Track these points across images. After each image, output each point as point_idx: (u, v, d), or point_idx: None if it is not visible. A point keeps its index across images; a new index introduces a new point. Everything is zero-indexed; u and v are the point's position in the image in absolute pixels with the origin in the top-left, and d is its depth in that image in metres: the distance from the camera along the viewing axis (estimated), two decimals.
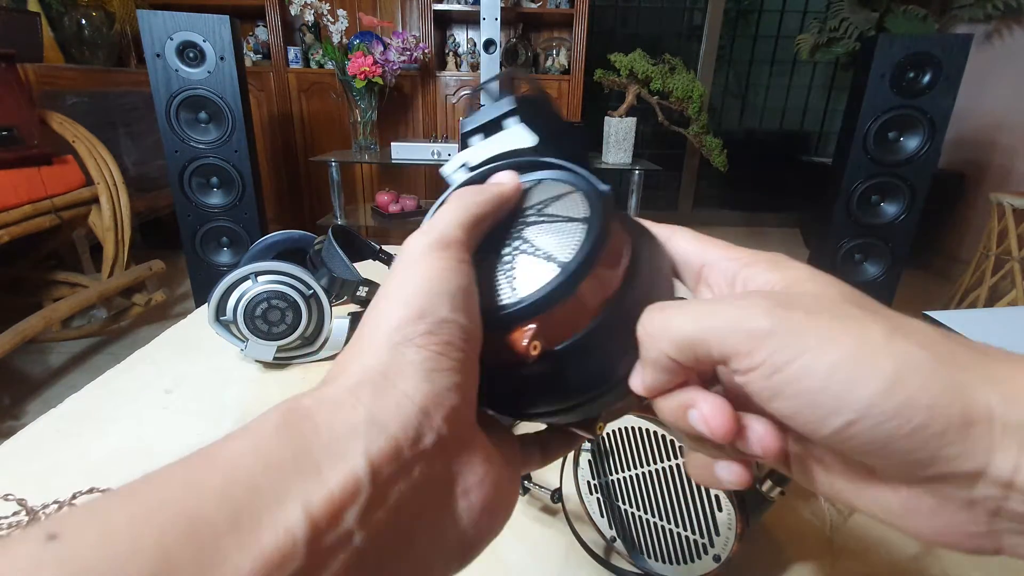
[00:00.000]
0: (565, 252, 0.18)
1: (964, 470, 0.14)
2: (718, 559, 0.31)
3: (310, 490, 0.12)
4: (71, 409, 0.54)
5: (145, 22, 1.56)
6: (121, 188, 1.78)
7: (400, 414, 0.14)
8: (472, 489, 0.16)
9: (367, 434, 0.14)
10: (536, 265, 0.18)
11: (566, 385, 0.19)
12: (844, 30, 2.67)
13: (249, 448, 0.13)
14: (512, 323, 0.18)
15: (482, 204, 0.19)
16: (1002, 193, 1.93)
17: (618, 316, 0.18)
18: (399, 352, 0.15)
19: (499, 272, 0.19)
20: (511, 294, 0.18)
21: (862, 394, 0.14)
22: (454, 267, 0.17)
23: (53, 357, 1.70)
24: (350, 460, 0.13)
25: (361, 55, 2.13)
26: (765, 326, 0.15)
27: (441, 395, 0.15)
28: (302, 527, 0.12)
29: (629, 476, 0.34)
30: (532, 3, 2.74)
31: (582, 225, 0.19)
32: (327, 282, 0.61)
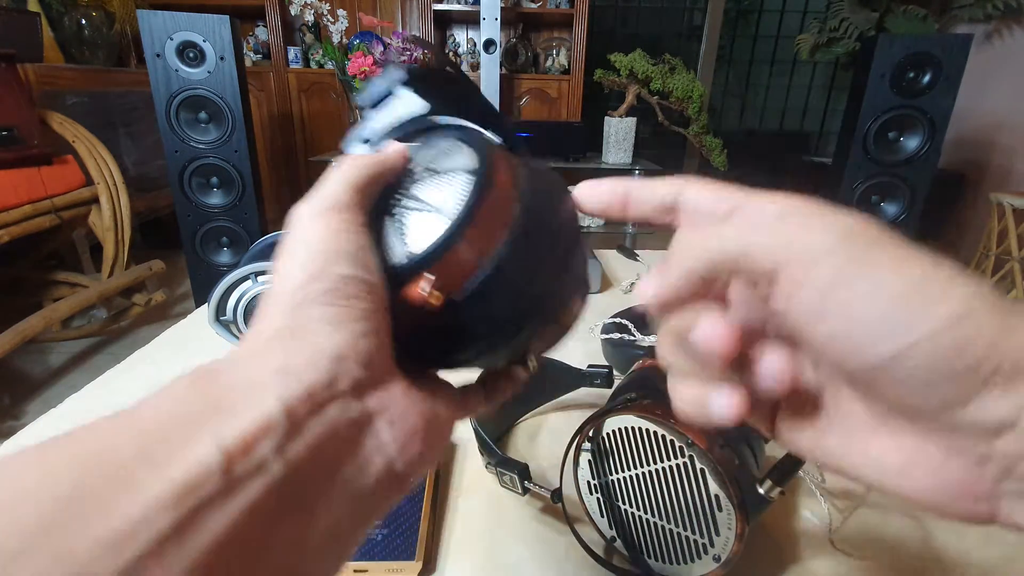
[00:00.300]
0: (451, 203, 0.19)
1: (998, 419, 0.13)
2: (718, 559, 0.31)
3: (222, 428, 0.13)
4: (71, 409, 0.54)
5: (145, 22, 1.56)
6: (121, 188, 1.78)
7: (313, 362, 0.15)
8: (396, 419, 0.17)
9: (281, 382, 0.14)
10: (425, 219, 0.19)
11: (477, 329, 0.19)
12: (844, 30, 2.67)
13: (162, 403, 0.13)
14: (409, 277, 0.18)
15: (366, 167, 0.19)
16: (1002, 193, 1.93)
17: (513, 256, 0.19)
18: (303, 311, 0.16)
19: (392, 232, 0.19)
20: (404, 250, 0.19)
21: (928, 321, 0.13)
22: (345, 227, 0.17)
23: (53, 357, 1.70)
24: (263, 404, 0.13)
25: (361, 55, 2.13)
26: (827, 240, 0.14)
27: (352, 342, 0.16)
28: (216, 457, 0.12)
29: (629, 476, 0.34)
30: (532, 3, 2.74)
31: (465, 175, 0.19)
32: None
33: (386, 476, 0.16)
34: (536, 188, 0.20)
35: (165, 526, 0.11)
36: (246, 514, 0.12)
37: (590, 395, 0.55)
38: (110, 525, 0.11)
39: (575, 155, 2.32)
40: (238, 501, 0.12)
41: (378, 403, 0.16)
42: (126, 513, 0.11)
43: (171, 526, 0.11)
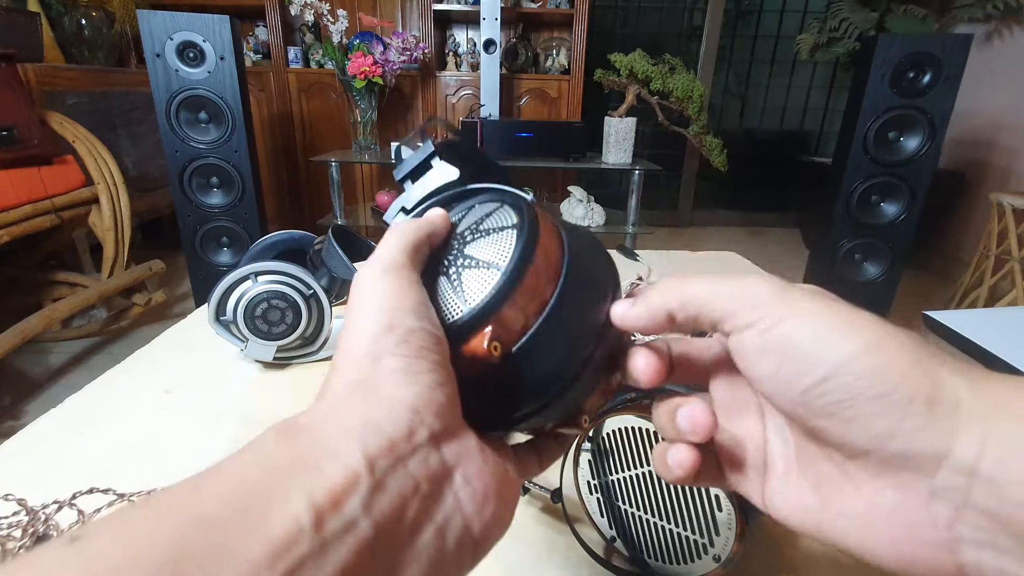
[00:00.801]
0: (502, 257, 0.20)
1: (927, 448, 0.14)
2: (718, 559, 0.31)
3: (312, 483, 0.13)
4: (71, 409, 0.54)
5: (145, 22, 1.56)
6: (121, 188, 1.78)
7: (392, 415, 0.15)
8: (472, 478, 0.17)
9: (362, 434, 0.15)
10: (479, 274, 0.20)
11: (535, 381, 0.20)
12: (844, 30, 2.67)
13: (251, 459, 0.14)
14: (469, 332, 0.19)
15: (416, 231, 0.20)
16: (1002, 193, 1.93)
17: (567, 305, 0.20)
18: (378, 364, 0.16)
19: (448, 290, 0.20)
20: (463, 306, 0.19)
21: (841, 351, 0.15)
22: (407, 284, 0.18)
23: (53, 357, 1.70)
24: (347, 456, 0.14)
25: (361, 55, 2.13)
26: (766, 292, 0.17)
27: (427, 394, 0.16)
28: (307, 514, 0.12)
29: (629, 476, 0.34)
30: (532, 3, 2.74)
31: (512, 231, 0.20)
32: (327, 282, 0.61)
33: (464, 540, 0.16)
34: (575, 237, 0.22)
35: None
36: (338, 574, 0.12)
37: None
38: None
39: (575, 155, 2.32)
40: (330, 562, 0.12)
41: (454, 456, 0.17)
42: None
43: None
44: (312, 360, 0.64)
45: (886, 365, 0.15)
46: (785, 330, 0.16)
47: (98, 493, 0.42)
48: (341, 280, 0.63)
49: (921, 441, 0.14)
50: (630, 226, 2.29)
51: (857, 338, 0.15)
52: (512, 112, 2.83)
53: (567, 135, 2.33)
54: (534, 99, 2.83)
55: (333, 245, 0.66)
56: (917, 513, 0.15)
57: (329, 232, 0.68)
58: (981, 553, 0.14)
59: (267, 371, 0.62)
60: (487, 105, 2.56)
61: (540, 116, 2.84)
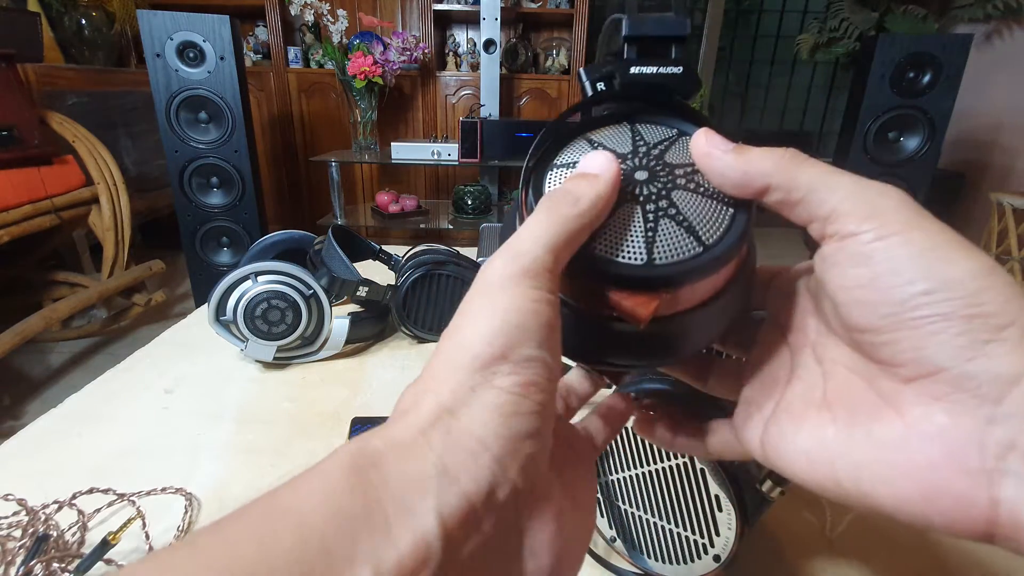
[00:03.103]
0: (710, 232, 0.18)
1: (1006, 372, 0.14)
2: (718, 559, 0.31)
3: (380, 553, 0.12)
4: (71, 409, 0.54)
5: (145, 22, 1.56)
6: (121, 188, 1.78)
7: (474, 465, 0.14)
8: (540, 551, 0.15)
9: (438, 488, 0.13)
10: (678, 236, 0.18)
11: (654, 348, 0.19)
12: (844, 30, 2.67)
13: (319, 498, 0.13)
14: (635, 285, 0.17)
15: (579, 220, 0.17)
16: (1002, 193, 1.93)
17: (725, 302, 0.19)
18: (477, 394, 0.14)
19: (635, 221, 0.18)
20: (643, 254, 0.17)
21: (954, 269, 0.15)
22: (541, 298, 0.16)
23: (53, 357, 1.70)
24: (420, 518, 0.13)
25: (361, 55, 2.13)
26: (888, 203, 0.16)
27: (518, 443, 0.14)
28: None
29: (629, 476, 0.34)
30: (532, 3, 2.74)
31: (730, 210, 0.18)
32: (327, 282, 0.61)
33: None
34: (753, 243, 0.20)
35: None
36: None
37: None
38: None
39: None
40: None
41: (529, 519, 0.15)
42: None
43: None
44: (312, 360, 0.64)
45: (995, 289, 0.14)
46: (896, 242, 0.15)
47: (98, 493, 0.42)
48: (341, 280, 0.63)
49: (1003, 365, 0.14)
50: None
51: (971, 260, 0.15)
52: (512, 112, 2.83)
53: None
54: (534, 99, 2.83)
55: (333, 245, 0.66)
56: (967, 437, 0.14)
57: (329, 232, 0.68)
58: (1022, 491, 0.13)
59: (267, 371, 0.62)
60: (487, 105, 2.56)
61: (540, 116, 2.84)
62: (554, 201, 0.17)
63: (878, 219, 0.16)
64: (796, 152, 0.18)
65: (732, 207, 0.18)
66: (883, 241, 0.16)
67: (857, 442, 0.16)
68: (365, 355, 0.67)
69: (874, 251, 0.16)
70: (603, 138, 0.20)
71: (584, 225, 0.17)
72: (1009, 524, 0.14)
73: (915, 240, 0.15)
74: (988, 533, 0.14)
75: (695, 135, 0.19)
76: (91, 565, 0.35)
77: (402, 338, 0.71)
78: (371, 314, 0.69)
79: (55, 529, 0.39)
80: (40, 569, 0.35)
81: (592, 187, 0.17)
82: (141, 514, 0.40)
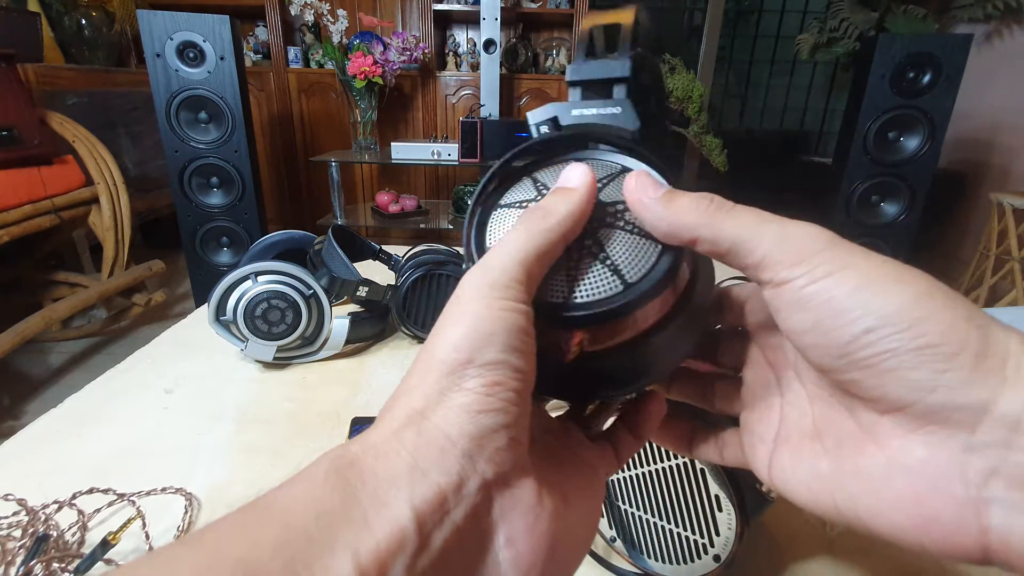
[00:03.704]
0: (635, 271, 0.18)
1: (970, 401, 0.14)
2: (718, 559, 0.31)
3: (358, 540, 0.13)
4: (71, 409, 0.54)
5: (145, 22, 1.56)
6: (121, 188, 1.77)
7: (443, 460, 0.15)
8: (517, 539, 0.16)
9: (410, 482, 0.14)
10: (602, 276, 0.18)
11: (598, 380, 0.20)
12: (844, 30, 2.67)
13: (302, 496, 0.14)
14: (565, 325, 0.18)
15: (549, 234, 0.17)
16: (1002, 193, 1.93)
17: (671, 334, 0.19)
18: (446, 396, 0.15)
19: (563, 265, 0.19)
20: (568, 294, 0.18)
21: (888, 302, 0.15)
22: (508, 308, 0.16)
23: (53, 357, 1.70)
24: (395, 509, 0.14)
25: (361, 55, 2.13)
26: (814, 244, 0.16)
27: (485, 437, 0.15)
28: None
29: (629, 476, 0.34)
30: (532, 3, 2.74)
31: (657, 248, 0.19)
32: (327, 282, 0.61)
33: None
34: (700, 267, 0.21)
35: None
36: None
37: None
38: None
39: None
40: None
41: (502, 509, 0.16)
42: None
43: None
44: (312, 360, 0.64)
45: (934, 316, 0.14)
46: (829, 284, 0.15)
47: (98, 493, 0.42)
48: (341, 280, 0.63)
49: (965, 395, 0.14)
50: None
51: (905, 290, 0.15)
52: (512, 112, 2.83)
53: None
54: (534, 99, 2.83)
55: (333, 245, 0.66)
56: (947, 469, 0.14)
57: (329, 232, 0.68)
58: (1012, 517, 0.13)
59: (267, 371, 0.62)
60: (487, 105, 2.56)
61: None
62: (527, 216, 0.18)
63: (807, 263, 0.16)
64: (722, 201, 0.18)
65: (662, 244, 0.19)
66: (816, 284, 0.16)
67: (848, 475, 0.17)
68: (365, 355, 0.67)
69: (809, 296, 0.16)
70: (547, 178, 0.21)
71: (555, 238, 0.18)
72: (1001, 549, 0.14)
73: (847, 278, 0.15)
74: (983, 558, 0.14)
75: (627, 178, 0.19)
76: (91, 565, 0.35)
77: (402, 338, 0.71)
78: (371, 314, 0.69)
79: (55, 529, 0.39)
80: (40, 569, 0.35)
81: (564, 201, 0.18)
82: (141, 514, 0.40)
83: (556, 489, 0.18)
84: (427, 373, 0.16)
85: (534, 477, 0.17)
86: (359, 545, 0.13)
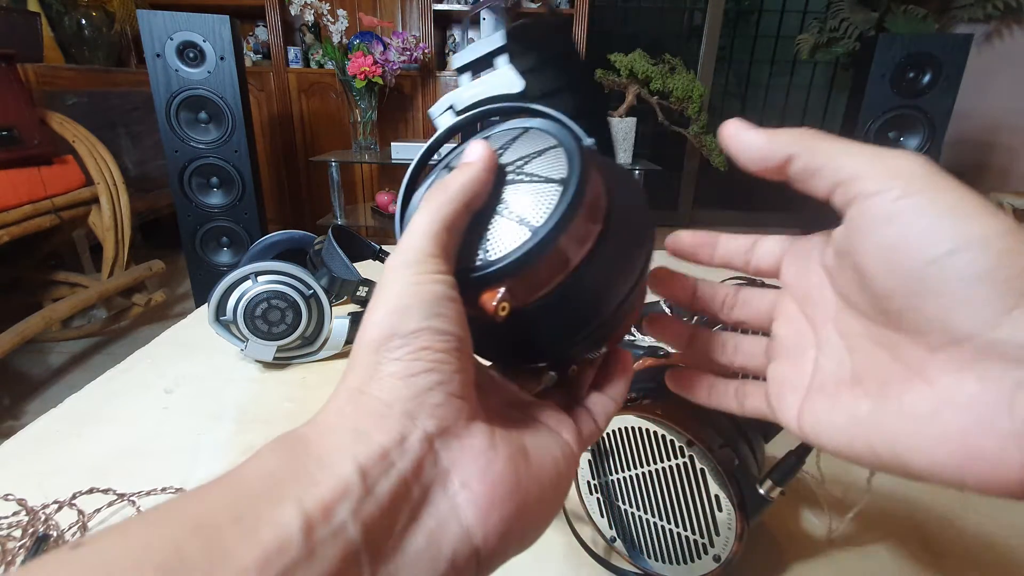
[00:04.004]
0: (538, 215, 0.18)
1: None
2: (718, 559, 0.31)
3: (304, 492, 0.14)
4: (71, 409, 0.54)
5: (145, 22, 1.56)
6: (121, 188, 1.78)
7: (383, 423, 0.15)
8: (472, 480, 0.16)
9: (353, 443, 0.15)
10: (509, 228, 0.19)
11: (536, 340, 0.20)
12: (844, 30, 2.67)
13: (251, 467, 0.15)
14: (482, 285, 0.18)
15: (450, 205, 0.18)
16: (1002, 193, 1.93)
17: (589, 276, 0.19)
18: (377, 369, 0.16)
19: (475, 232, 0.19)
20: (483, 256, 0.19)
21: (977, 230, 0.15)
22: (426, 280, 0.17)
23: (53, 357, 1.70)
24: (339, 466, 0.14)
25: (361, 55, 2.13)
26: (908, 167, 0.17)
27: (421, 396, 0.16)
28: (297, 520, 0.13)
29: (629, 476, 0.34)
30: (532, 3, 2.74)
31: (558, 187, 0.19)
32: (327, 282, 0.61)
33: (464, 549, 0.16)
34: (622, 198, 0.21)
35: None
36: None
37: None
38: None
39: None
40: (317, 567, 0.13)
41: (452, 457, 0.16)
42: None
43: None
44: (312, 360, 0.64)
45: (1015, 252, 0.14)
46: (922, 201, 0.16)
47: (98, 493, 0.42)
48: (341, 280, 0.63)
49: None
50: None
51: (994, 223, 0.15)
52: None
53: None
54: None
55: (333, 245, 0.66)
56: (996, 403, 0.14)
57: (329, 232, 0.68)
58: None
59: (267, 371, 0.62)
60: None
61: None
62: (428, 195, 0.19)
63: (902, 179, 0.16)
64: (816, 130, 0.19)
65: (561, 183, 0.19)
66: (908, 199, 0.16)
67: (890, 414, 0.17)
68: None
69: (900, 209, 0.16)
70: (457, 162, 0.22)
71: (457, 207, 0.18)
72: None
73: (940, 200, 0.16)
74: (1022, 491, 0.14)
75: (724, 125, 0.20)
76: None
77: None
78: None
79: (55, 529, 0.39)
80: None
81: (459, 173, 0.19)
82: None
83: (513, 443, 0.18)
84: (358, 355, 0.17)
85: (485, 428, 0.17)
86: (305, 496, 0.13)
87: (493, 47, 0.22)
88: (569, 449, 0.20)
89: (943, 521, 0.41)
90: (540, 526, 0.19)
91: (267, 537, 0.12)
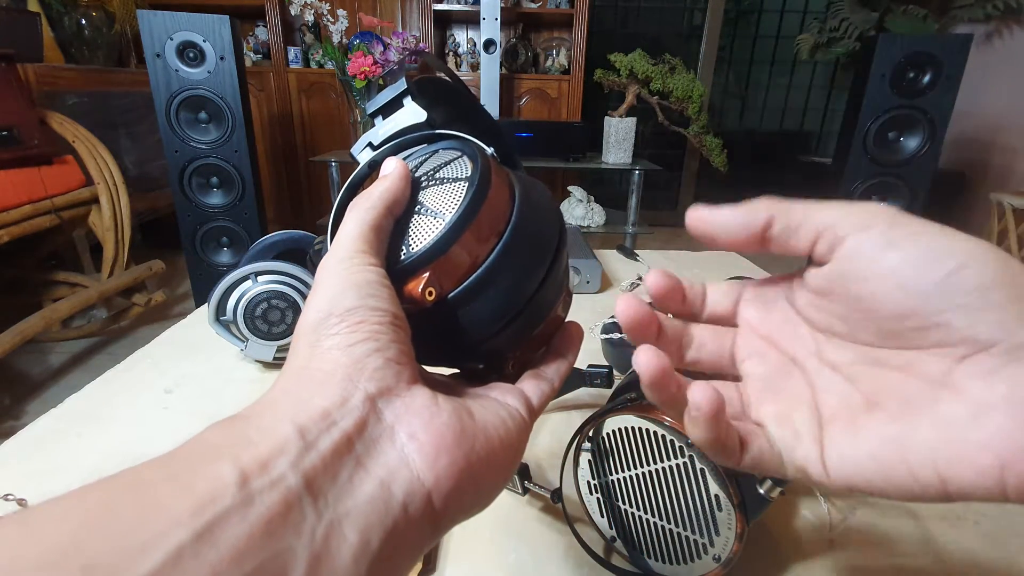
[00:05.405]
0: (449, 207, 0.21)
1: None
2: (718, 559, 0.31)
3: (242, 451, 0.14)
4: (71, 409, 0.54)
5: (145, 22, 1.56)
6: (121, 188, 1.78)
7: (323, 389, 0.16)
8: (418, 432, 0.17)
9: (294, 410, 0.16)
10: (425, 222, 0.21)
11: (467, 327, 0.21)
12: (844, 30, 2.67)
13: (193, 441, 0.15)
14: (409, 274, 0.20)
15: (374, 209, 0.21)
16: (1002, 193, 1.93)
17: (504, 258, 0.21)
18: (317, 346, 0.17)
19: (399, 235, 0.22)
20: (407, 251, 0.21)
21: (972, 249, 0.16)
22: (357, 270, 0.19)
23: (53, 357, 1.70)
24: (278, 429, 0.15)
25: (361, 55, 2.13)
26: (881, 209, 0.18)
27: (360, 362, 0.17)
28: (233, 474, 0.13)
29: (629, 476, 0.34)
30: (532, 3, 2.74)
31: (463, 183, 0.21)
32: None
33: (417, 499, 0.16)
34: (526, 195, 0.23)
35: (185, 537, 0.12)
36: (263, 523, 0.13)
37: (590, 395, 0.55)
38: (135, 538, 0.12)
39: (575, 155, 2.32)
40: (255, 511, 0.13)
41: (396, 413, 0.17)
42: (149, 526, 0.12)
43: (191, 537, 0.12)
44: None
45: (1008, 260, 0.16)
46: (911, 229, 0.17)
47: None
48: None
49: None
50: (630, 226, 2.29)
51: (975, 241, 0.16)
52: (512, 112, 2.83)
53: (567, 135, 2.33)
54: (534, 99, 2.83)
55: None
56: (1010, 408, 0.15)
57: None
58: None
59: (267, 371, 0.62)
60: (487, 105, 2.56)
61: (540, 116, 2.84)
62: (354, 203, 0.21)
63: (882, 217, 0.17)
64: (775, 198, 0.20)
65: (466, 180, 0.22)
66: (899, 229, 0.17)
67: (924, 428, 0.17)
68: None
69: (896, 237, 0.17)
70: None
71: (380, 210, 0.21)
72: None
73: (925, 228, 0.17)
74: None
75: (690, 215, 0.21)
76: None
77: None
78: None
79: None
80: None
81: (380, 183, 0.22)
82: None
83: (456, 403, 0.19)
84: (299, 339, 0.18)
85: (427, 391, 0.18)
86: (241, 453, 0.14)
87: (398, 91, 0.26)
88: (517, 412, 0.21)
89: (944, 521, 0.41)
90: (495, 482, 0.20)
91: (201, 489, 0.13)
